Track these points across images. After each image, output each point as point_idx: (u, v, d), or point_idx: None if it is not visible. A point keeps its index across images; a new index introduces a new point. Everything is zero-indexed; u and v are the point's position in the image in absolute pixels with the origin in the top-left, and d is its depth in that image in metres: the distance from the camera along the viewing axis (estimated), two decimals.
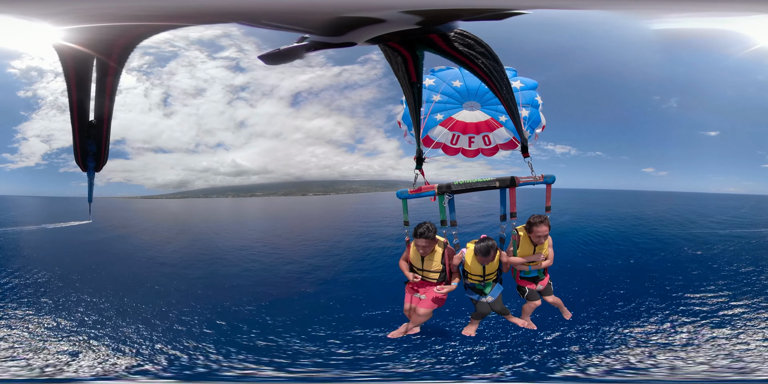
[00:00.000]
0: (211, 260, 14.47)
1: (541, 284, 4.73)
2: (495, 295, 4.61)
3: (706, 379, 6.78)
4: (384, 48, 2.28)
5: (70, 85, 1.97)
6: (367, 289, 10.95)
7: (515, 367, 7.12)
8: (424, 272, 4.50)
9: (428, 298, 4.53)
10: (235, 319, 9.12)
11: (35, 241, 17.69)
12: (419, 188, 4.32)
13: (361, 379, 6.88)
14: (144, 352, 7.62)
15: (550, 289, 4.82)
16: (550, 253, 4.58)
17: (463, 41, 2.20)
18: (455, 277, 4.55)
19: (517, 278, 4.80)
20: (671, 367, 6.99)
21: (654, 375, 7.00)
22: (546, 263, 4.59)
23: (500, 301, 4.66)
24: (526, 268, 4.65)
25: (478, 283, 4.56)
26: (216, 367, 7.25)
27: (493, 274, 4.53)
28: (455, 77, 5.09)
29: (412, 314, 4.61)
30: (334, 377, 6.95)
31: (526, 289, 4.73)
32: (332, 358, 7.55)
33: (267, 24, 1.89)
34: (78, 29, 1.84)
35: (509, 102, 2.84)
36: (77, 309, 9.13)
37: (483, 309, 4.65)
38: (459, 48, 2.20)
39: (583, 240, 16.68)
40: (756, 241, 16.41)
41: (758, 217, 26.09)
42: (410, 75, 2.48)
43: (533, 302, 4.74)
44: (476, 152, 5.30)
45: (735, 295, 9.75)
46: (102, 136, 2.19)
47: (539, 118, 5.05)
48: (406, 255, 4.62)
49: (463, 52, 2.23)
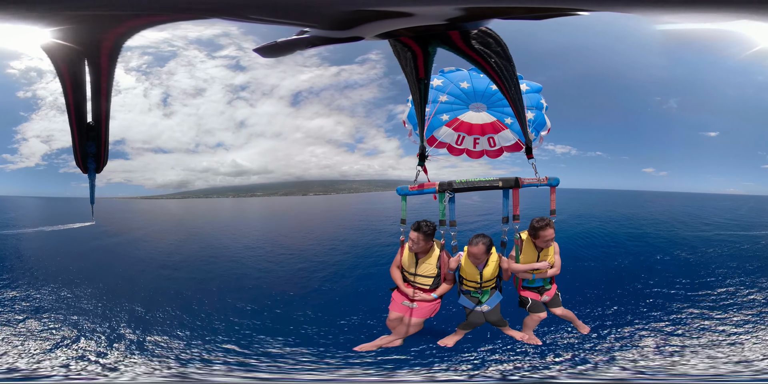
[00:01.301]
0: (238, 265, 14.13)
1: (547, 295, 4.34)
2: (492, 304, 4.22)
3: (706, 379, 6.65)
4: (394, 43, 2.22)
5: (65, 88, 1.98)
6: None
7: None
8: (416, 277, 4.20)
9: (421, 306, 4.14)
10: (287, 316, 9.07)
11: (37, 247, 16.98)
12: (420, 185, 4.14)
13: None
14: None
15: (558, 300, 4.41)
16: (556, 260, 4.27)
17: (482, 40, 2.14)
18: (448, 283, 4.24)
19: (519, 288, 4.41)
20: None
21: (654, 375, 6.84)
22: (552, 272, 4.26)
23: (497, 311, 4.28)
24: (530, 277, 4.29)
25: (474, 290, 4.20)
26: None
27: (491, 281, 4.19)
28: (463, 79, 5.06)
29: (400, 325, 4.18)
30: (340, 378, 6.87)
31: (528, 300, 4.32)
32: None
33: (259, 18, 1.79)
34: (63, 30, 1.82)
35: (517, 103, 2.81)
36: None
37: (475, 319, 4.23)
38: (475, 46, 2.14)
39: (573, 240, 16.53)
40: (748, 246, 15.25)
41: (754, 219, 25.30)
42: (418, 71, 2.43)
43: (537, 314, 4.33)
44: (480, 154, 5.27)
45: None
46: (101, 137, 2.18)
47: (544, 121, 5.03)
48: (398, 260, 4.31)
49: (477, 50, 2.17)
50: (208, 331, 8.23)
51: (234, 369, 6.73)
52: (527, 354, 6.22)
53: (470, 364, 5.92)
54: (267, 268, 13.57)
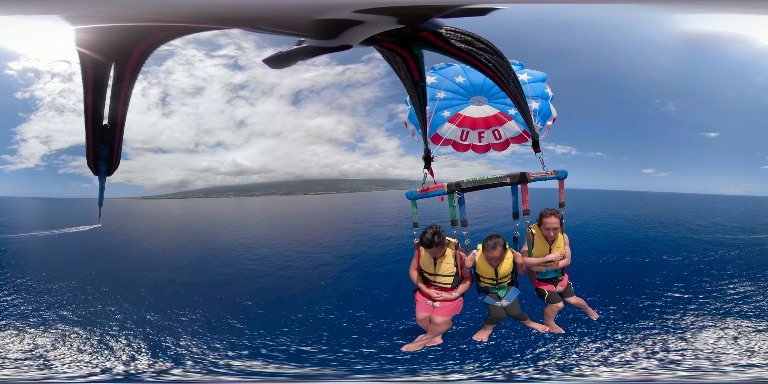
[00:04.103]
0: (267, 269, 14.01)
1: (561, 285, 4.51)
2: (510, 298, 4.38)
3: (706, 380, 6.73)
4: (380, 49, 2.23)
5: (87, 89, 1.99)
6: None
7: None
8: (436, 277, 4.31)
9: (444, 305, 4.26)
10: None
11: (46, 251, 16.30)
12: (428, 188, 4.20)
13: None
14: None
15: (571, 289, 4.60)
16: (567, 251, 4.42)
17: (458, 38, 2.14)
18: (466, 281, 4.36)
19: (534, 281, 4.59)
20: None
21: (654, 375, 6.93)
22: (564, 263, 4.41)
23: (517, 305, 4.43)
24: (543, 269, 4.44)
25: (491, 286, 4.37)
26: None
27: (507, 277, 4.34)
28: (457, 73, 5.02)
29: (431, 325, 4.29)
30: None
31: (545, 292, 4.51)
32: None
33: (267, 29, 1.88)
34: (99, 33, 1.88)
35: (518, 97, 2.76)
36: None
37: (498, 314, 4.40)
38: (457, 45, 2.14)
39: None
40: (735, 252, 14.53)
41: (747, 222, 24.63)
42: (412, 74, 2.43)
43: (555, 305, 4.52)
44: (487, 147, 5.24)
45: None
46: (115, 140, 2.21)
47: (550, 111, 4.96)
48: (416, 262, 4.41)
49: (462, 49, 2.17)
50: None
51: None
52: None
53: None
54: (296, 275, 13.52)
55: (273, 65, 2.07)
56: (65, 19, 1.88)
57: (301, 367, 7.17)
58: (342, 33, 1.88)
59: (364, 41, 1.99)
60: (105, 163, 2.29)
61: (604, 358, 7.00)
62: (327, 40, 1.94)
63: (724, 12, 13.55)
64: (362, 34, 1.93)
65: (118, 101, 2.07)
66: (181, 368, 7.21)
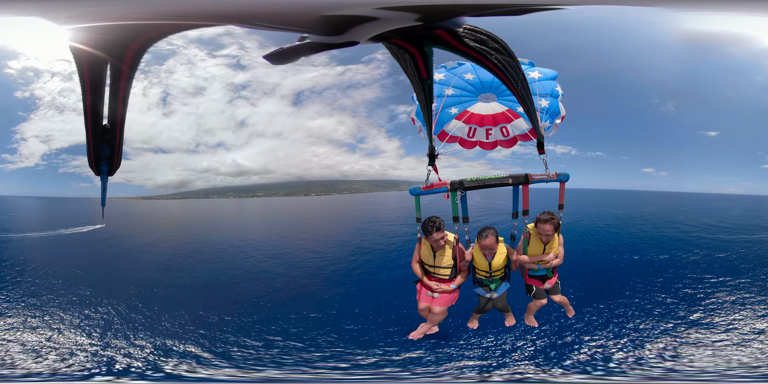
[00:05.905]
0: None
1: (549, 283, 4.73)
2: (500, 291, 4.68)
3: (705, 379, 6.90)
4: (389, 46, 2.22)
5: (84, 89, 1.98)
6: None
7: None
8: (436, 269, 4.52)
9: (442, 296, 4.56)
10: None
11: (54, 253, 16.41)
12: (432, 185, 4.28)
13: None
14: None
15: (558, 288, 4.83)
16: (560, 251, 4.57)
17: (474, 37, 2.14)
18: (464, 273, 4.58)
19: (525, 276, 4.81)
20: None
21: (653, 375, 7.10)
22: (556, 262, 4.57)
23: (504, 298, 4.77)
24: (535, 267, 4.63)
25: (485, 278, 4.61)
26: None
27: (500, 271, 4.56)
28: (466, 70, 5.04)
29: (428, 314, 4.63)
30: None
31: (533, 288, 4.77)
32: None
33: (264, 25, 1.87)
34: (92, 33, 1.86)
35: (525, 98, 2.75)
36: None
37: (486, 305, 4.80)
38: (470, 44, 2.14)
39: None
40: (724, 255, 14.33)
41: (741, 222, 24.67)
42: (420, 72, 2.42)
43: (539, 301, 4.80)
44: (494, 144, 5.22)
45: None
46: (116, 140, 2.20)
47: (558, 109, 4.97)
48: (417, 255, 4.63)
49: (474, 48, 2.17)
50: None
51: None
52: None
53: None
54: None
55: (274, 61, 2.07)
56: (65, 19, 1.87)
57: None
58: (350, 29, 1.87)
59: (372, 38, 1.99)
60: (106, 164, 2.30)
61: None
62: (332, 37, 1.92)
63: (724, 12, 13.62)
64: (373, 31, 1.93)
65: (117, 101, 2.07)
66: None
